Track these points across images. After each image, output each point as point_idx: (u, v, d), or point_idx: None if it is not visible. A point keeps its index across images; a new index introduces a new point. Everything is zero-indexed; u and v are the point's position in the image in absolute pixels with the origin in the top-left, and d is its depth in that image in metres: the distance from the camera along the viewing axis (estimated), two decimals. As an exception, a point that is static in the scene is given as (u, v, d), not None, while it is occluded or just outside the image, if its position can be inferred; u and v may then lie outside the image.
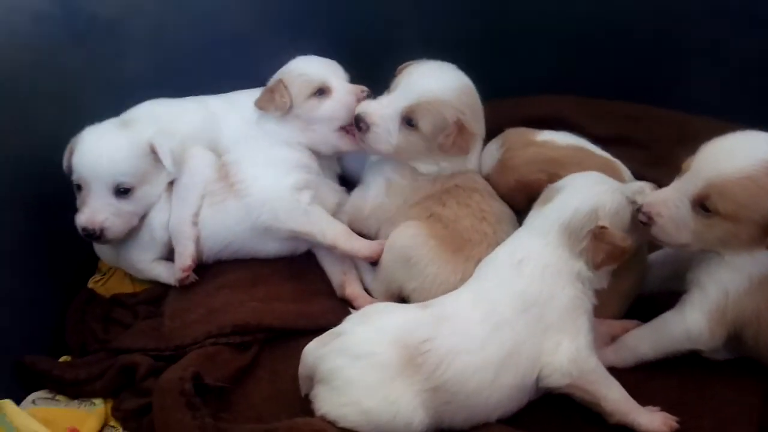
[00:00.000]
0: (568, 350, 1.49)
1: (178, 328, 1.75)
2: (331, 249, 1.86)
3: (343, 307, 1.82)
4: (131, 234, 1.88)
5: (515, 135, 1.91)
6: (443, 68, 1.85)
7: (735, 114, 2.18)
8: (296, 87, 1.91)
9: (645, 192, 1.61)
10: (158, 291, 1.90)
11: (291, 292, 1.86)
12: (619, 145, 2.15)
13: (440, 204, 1.81)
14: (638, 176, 1.89)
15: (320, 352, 1.51)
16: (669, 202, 1.52)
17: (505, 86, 2.26)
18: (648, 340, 1.65)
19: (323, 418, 1.47)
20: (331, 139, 1.92)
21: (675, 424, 1.52)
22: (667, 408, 1.56)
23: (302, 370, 1.55)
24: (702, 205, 1.48)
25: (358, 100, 1.88)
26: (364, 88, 1.91)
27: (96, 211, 1.78)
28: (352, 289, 1.86)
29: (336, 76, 1.94)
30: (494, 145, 1.91)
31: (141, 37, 2.05)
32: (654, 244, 1.70)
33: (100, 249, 1.97)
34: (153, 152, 1.84)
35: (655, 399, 1.58)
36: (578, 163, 1.79)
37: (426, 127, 1.77)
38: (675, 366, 1.64)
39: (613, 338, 1.70)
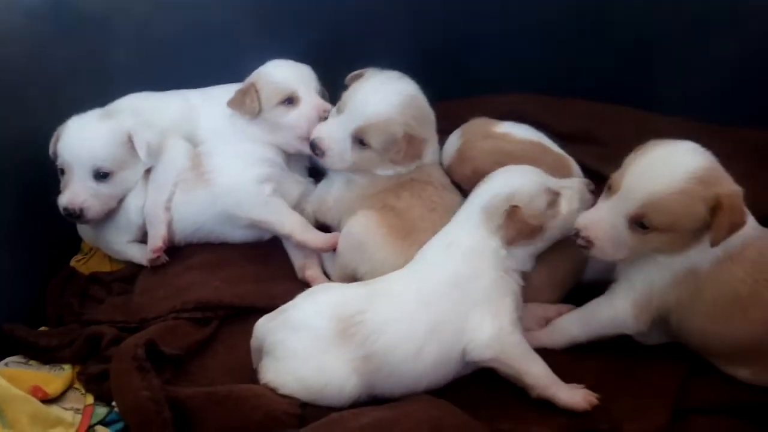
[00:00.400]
0: (491, 327, 1.61)
1: (146, 303, 1.89)
2: (287, 238, 2.00)
3: (302, 288, 1.89)
4: (109, 217, 2.02)
5: (475, 126, 2.01)
6: (386, 83, 1.94)
7: (696, 112, 2.31)
8: (266, 93, 2.03)
9: (574, 201, 1.75)
10: (132, 270, 2.04)
11: (253, 273, 1.98)
12: (581, 142, 2.24)
13: (395, 196, 1.92)
14: (599, 172, 1.98)
15: (267, 327, 1.65)
16: (605, 224, 1.59)
17: (475, 84, 2.37)
18: (578, 323, 1.75)
19: (266, 386, 1.60)
20: (295, 144, 2.06)
21: (594, 400, 1.62)
22: (591, 387, 1.65)
23: (253, 343, 1.69)
24: (639, 222, 1.55)
25: (320, 118, 2.00)
26: (328, 107, 2.03)
27: (76, 193, 1.93)
28: (312, 272, 1.98)
29: (306, 86, 2.06)
30: (455, 136, 2.01)
31: (126, 33, 2.17)
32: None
33: (82, 230, 2.12)
34: (130, 141, 1.97)
35: (581, 379, 1.67)
36: (532, 157, 1.89)
37: (377, 145, 1.89)
38: (603, 349, 1.74)
39: (548, 321, 1.80)
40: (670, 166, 1.54)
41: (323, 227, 2.05)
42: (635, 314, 1.67)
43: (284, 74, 2.06)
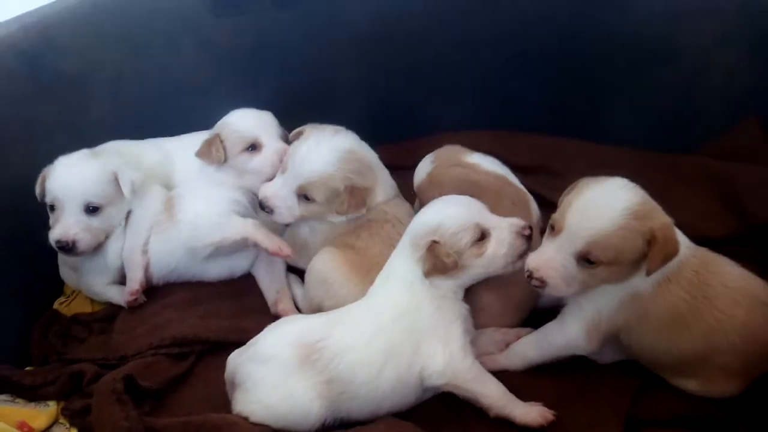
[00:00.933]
0: (442, 355, 1.70)
1: (125, 341, 1.99)
2: (245, 244, 2.09)
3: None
4: (90, 260, 2.12)
5: (447, 153, 2.11)
6: (324, 139, 2.04)
7: (648, 143, 2.44)
8: (230, 142, 2.17)
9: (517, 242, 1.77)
10: (112, 310, 2.14)
11: (228, 309, 2.08)
12: (535, 173, 2.38)
13: (355, 236, 2.03)
14: (552, 201, 2.06)
15: (237, 361, 1.75)
16: (555, 263, 1.66)
17: (429, 123, 2.51)
18: (534, 346, 1.83)
19: (239, 415, 1.69)
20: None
21: (551, 416, 1.69)
22: (548, 404, 1.72)
23: (226, 376, 1.79)
24: (585, 258, 1.64)
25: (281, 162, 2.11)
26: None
27: (68, 226, 2.02)
28: (284, 306, 2.08)
29: (267, 133, 2.19)
30: (428, 160, 2.11)
31: (101, 89, 2.30)
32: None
33: (64, 273, 2.22)
34: (116, 179, 2.07)
35: (539, 397, 1.75)
36: (495, 190, 1.99)
37: (320, 199, 2.01)
38: (560, 368, 1.82)
39: (508, 344, 1.88)
40: (608, 205, 1.62)
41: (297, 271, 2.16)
42: (586, 337, 1.76)
43: (247, 123, 2.19)
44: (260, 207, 2.08)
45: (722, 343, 1.69)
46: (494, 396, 1.71)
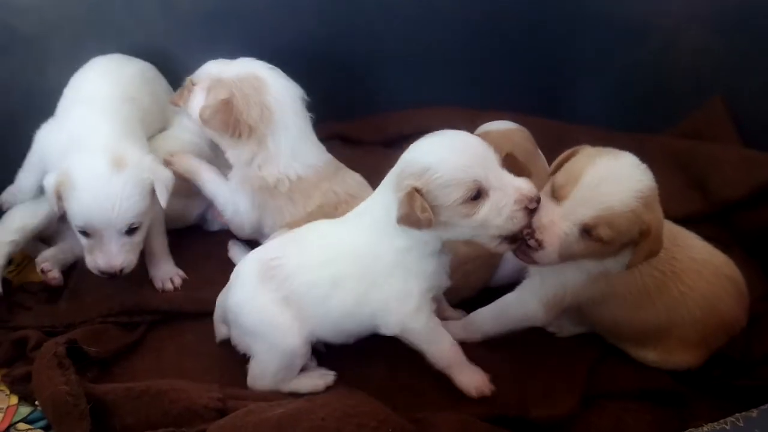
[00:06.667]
0: (396, 313, 1.63)
1: (73, 309, 1.93)
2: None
3: None
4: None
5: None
6: None
7: (614, 123, 2.43)
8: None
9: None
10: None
11: (184, 280, 2.04)
12: (502, 149, 2.34)
13: None
14: None
15: (222, 298, 1.80)
16: (559, 230, 1.53)
17: (399, 99, 2.49)
18: (491, 319, 1.80)
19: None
20: None
21: (488, 392, 1.67)
22: (503, 375, 1.72)
23: (216, 316, 1.84)
24: (587, 232, 1.53)
25: None
26: None
27: (113, 255, 1.82)
28: None
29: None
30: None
31: (59, 51, 2.23)
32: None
33: None
34: (152, 189, 1.86)
35: (495, 368, 1.73)
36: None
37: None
38: (516, 339, 1.80)
39: None
40: (624, 183, 1.53)
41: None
42: (546, 310, 1.72)
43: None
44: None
45: (684, 316, 1.69)
46: (441, 356, 1.67)
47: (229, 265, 1.89)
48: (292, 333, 1.65)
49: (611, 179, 1.53)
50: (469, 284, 1.91)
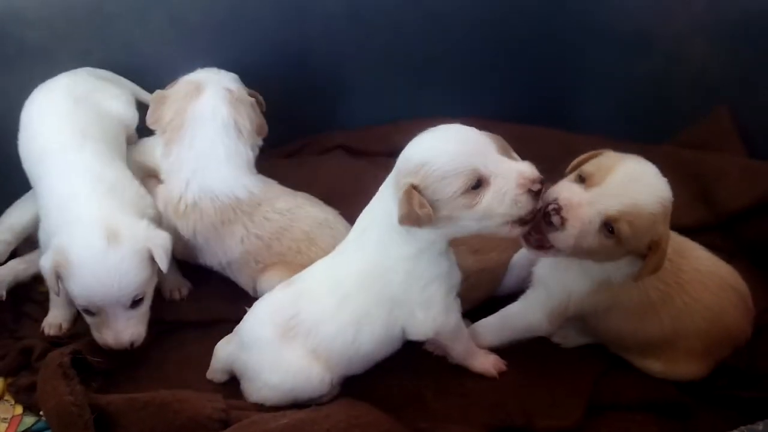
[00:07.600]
0: (424, 321, 1.61)
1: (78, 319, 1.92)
2: None
3: (240, 305, 1.85)
4: None
5: None
6: None
7: (619, 134, 2.43)
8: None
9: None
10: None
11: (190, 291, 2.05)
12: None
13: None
14: None
15: (227, 351, 1.74)
16: (584, 214, 1.47)
17: (398, 109, 2.49)
18: (495, 329, 1.79)
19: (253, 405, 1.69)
20: None
21: (503, 367, 1.75)
22: (510, 387, 1.73)
23: (215, 364, 1.78)
24: (607, 225, 1.48)
25: None
26: None
27: (120, 331, 1.76)
28: None
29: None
30: None
31: (69, 63, 2.22)
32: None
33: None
34: (151, 255, 1.77)
35: (500, 379, 1.74)
36: None
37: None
38: (522, 349, 1.79)
39: None
40: (652, 186, 1.51)
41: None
42: (549, 320, 1.72)
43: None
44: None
45: (689, 327, 1.68)
46: (461, 352, 1.73)
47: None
48: (322, 386, 1.64)
49: (642, 180, 1.51)
50: (473, 297, 1.89)
